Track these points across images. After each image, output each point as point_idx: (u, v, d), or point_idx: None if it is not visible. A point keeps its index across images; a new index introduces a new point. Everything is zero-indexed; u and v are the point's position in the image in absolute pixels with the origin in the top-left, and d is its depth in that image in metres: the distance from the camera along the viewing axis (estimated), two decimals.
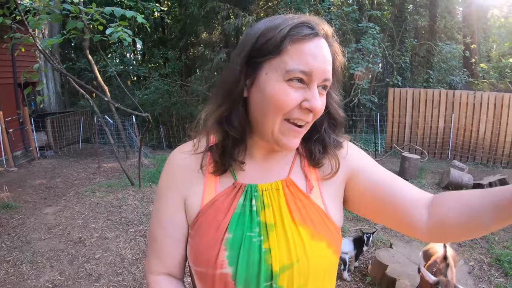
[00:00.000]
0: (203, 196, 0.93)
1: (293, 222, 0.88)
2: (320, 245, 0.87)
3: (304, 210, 0.90)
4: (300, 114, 0.84)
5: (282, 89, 0.81)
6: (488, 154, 9.06)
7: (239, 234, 0.86)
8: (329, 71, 0.84)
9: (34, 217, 5.51)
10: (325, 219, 0.91)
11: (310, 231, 0.87)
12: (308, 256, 0.85)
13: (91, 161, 9.74)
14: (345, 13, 11.66)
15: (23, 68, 8.56)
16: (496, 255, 4.26)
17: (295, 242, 0.85)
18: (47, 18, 4.89)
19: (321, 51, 0.82)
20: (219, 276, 0.84)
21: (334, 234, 0.92)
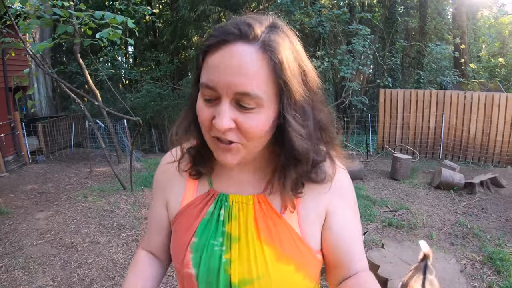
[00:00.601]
0: (183, 197, 0.95)
1: (258, 240, 0.85)
2: (286, 268, 0.84)
3: (274, 229, 0.86)
4: (217, 132, 0.76)
5: (199, 105, 0.78)
6: (479, 153, 9.13)
7: (203, 240, 0.88)
8: (240, 83, 0.70)
9: (26, 223, 5.47)
10: (297, 242, 0.86)
11: (276, 252, 0.84)
12: (271, 276, 0.83)
13: (83, 165, 9.69)
14: (336, 15, 11.72)
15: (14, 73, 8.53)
16: (488, 253, 4.29)
17: (257, 260, 0.83)
18: (38, 23, 4.87)
19: (227, 60, 0.71)
20: (186, 274, 0.88)
21: (307, 258, 0.87)
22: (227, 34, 0.71)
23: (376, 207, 5.89)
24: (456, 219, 5.42)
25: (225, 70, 0.71)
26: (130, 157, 6.69)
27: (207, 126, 0.77)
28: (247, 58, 0.70)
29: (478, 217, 5.56)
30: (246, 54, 0.70)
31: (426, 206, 5.97)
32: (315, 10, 11.28)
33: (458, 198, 6.36)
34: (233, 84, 0.70)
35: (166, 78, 17.42)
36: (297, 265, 0.85)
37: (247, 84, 0.70)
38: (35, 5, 4.93)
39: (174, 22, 16.94)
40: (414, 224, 5.16)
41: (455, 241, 4.73)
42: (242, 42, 0.71)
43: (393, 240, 4.64)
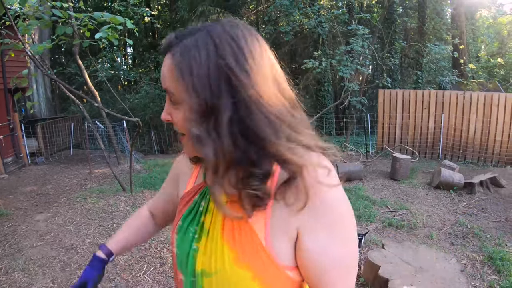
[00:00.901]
0: (187, 184, 1.06)
1: (221, 238, 0.85)
2: (243, 274, 0.82)
3: (237, 232, 0.84)
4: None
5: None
6: (479, 153, 9.15)
7: (185, 226, 0.96)
8: (167, 86, 0.82)
9: (26, 224, 5.46)
10: (260, 251, 0.81)
11: (235, 256, 0.82)
12: (228, 276, 0.83)
13: (82, 167, 9.68)
14: (335, 16, 11.72)
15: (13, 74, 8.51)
16: (488, 253, 4.29)
17: (217, 258, 0.84)
18: (37, 24, 4.86)
19: (162, 68, 0.84)
20: (172, 252, 1.00)
21: (269, 270, 0.82)
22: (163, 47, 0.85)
23: (376, 208, 5.89)
24: (456, 219, 5.42)
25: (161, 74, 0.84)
26: (130, 159, 6.69)
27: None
28: (167, 66, 0.82)
29: (478, 217, 5.56)
30: (167, 63, 0.82)
31: (426, 206, 5.97)
32: (314, 11, 11.27)
33: (457, 198, 6.36)
34: (164, 85, 0.83)
35: None
36: (255, 273, 0.82)
37: (166, 84, 0.82)
38: (34, 6, 4.92)
39: (173, 23, 16.94)
40: (414, 224, 5.16)
41: (455, 241, 4.73)
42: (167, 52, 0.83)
43: (394, 240, 4.64)
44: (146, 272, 4.11)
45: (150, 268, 4.19)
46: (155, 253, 4.52)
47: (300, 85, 14.48)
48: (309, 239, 0.80)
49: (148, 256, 4.44)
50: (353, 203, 5.89)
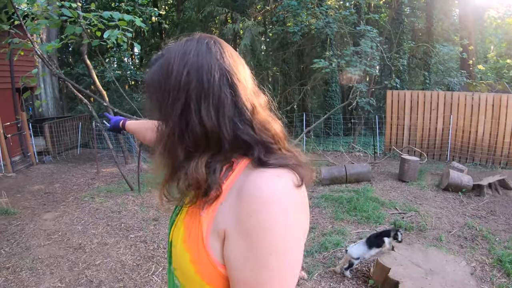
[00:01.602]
0: None
1: (182, 221, 0.93)
2: (185, 254, 0.88)
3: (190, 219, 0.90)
4: None
5: None
6: (487, 155, 9.07)
7: (174, 215, 1.02)
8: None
9: (33, 223, 5.48)
10: (199, 240, 0.85)
11: (184, 236, 0.89)
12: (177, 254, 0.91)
13: (90, 166, 9.71)
14: (343, 16, 11.68)
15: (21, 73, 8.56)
16: (497, 256, 4.26)
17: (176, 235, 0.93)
18: (46, 23, 4.88)
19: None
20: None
21: (201, 258, 0.85)
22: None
23: (384, 209, 5.86)
24: (464, 221, 5.38)
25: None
26: (138, 159, 6.69)
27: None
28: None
29: (487, 219, 5.52)
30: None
31: (434, 208, 5.93)
32: (322, 11, 11.24)
33: (466, 200, 6.31)
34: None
35: None
36: (192, 258, 0.87)
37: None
38: (43, 6, 4.94)
39: (180, 23, 16.95)
40: (423, 226, 5.12)
41: (464, 243, 4.70)
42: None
43: (404, 242, 4.60)
44: (155, 272, 4.10)
45: (158, 269, 4.18)
46: (164, 253, 4.52)
47: (308, 85, 14.45)
48: (228, 243, 0.81)
49: (156, 257, 4.44)
50: (361, 205, 5.86)
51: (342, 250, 4.47)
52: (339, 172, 7.33)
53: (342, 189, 6.91)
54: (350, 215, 5.57)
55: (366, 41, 10.21)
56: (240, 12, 14.32)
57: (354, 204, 5.91)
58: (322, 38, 13.63)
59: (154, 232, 5.14)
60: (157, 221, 5.53)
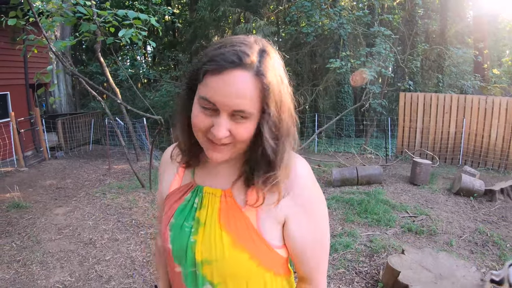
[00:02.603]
0: (171, 184, 1.15)
1: (219, 227, 0.99)
2: (241, 255, 0.97)
3: (233, 220, 0.99)
4: (213, 136, 0.90)
5: (196, 112, 0.92)
6: (500, 160, 8.97)
7: (179, 222, 1.05)
8: (238, 104, 0.85)
9: (45, 218, 5.54)
10: (253, 234, 0.98)
11: (232, 240, 0.97)
12: (227, 260, 0.97)
13: (102, 162, 9.79)
14: (356, 17, 11.63)
15: (34, 70, 8.66)
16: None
17: (216, 244, 0.97)
18: (61, 20, 4.92)
19: (227, 85, 0.85)
20: (166, 249, 1.07)
21: (261, 249, 0.99)
22: (228, 63, 0.84)
23: (395, 212, 5.82)
24: (476, 226, 5.33)
25: (225, 93, 0.85)
26: (150, 156, 6.73)
27: (203, 131, 0.92)
28: (245, 83, 0.85)
29: (498, 225, 5.46)
30: (244, 80, 0.85)
31: (445, 212, 5.88)
32: (335, 12, 11.20)
33: (478, 205, 6.25)
34: (232, 104, 0.85)
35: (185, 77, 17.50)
36: (251, 254, 0.98)
37: (243, 104, 0.86)
38: (58, 3, 4.99)
39: (194, 23, 17.00)
40: (433, 230, 5.08)
41: (474, 249, 4.65)
42: (241, 69, 0.85)
43: (414, 246, 4.58)
44: None
45: None
46: None
47: (320, 86, 14.40)
48: (294, 225, 1.01)
49: None
50: (372, 207, 5.83)
51: (351, 252, 4.45)
52: (350, 174, 7.30)
53: (353, 191, 6.88)
54: (360, 217, 5.55)
55: (380, 42, 10.15)
56: (253, 12, 14.31)
57: (365, 207, 5.88)
58: (335, 39, 13.57)
59: None
60: None
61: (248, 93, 0.86)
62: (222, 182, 1.05)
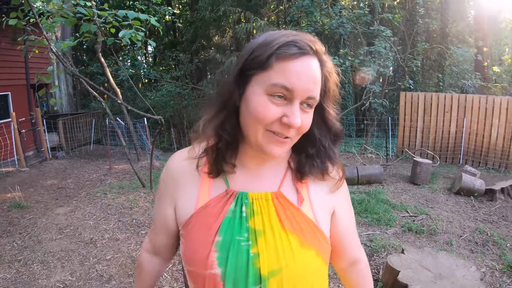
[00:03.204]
0: (198, 199, 0.99)
1: (283, 230, 0.93)
2: (309, 253, 0.93)
3: (294, 220, 0.95)
4: (281, 128, 0.87)
5: (263, 102, 0.86)
6: (500, 159, 8.97)
7: (228, 238, 0.92)
8: (313, 89, 0.86)
9: (46, 217, 5.55)
10: (314, 230, 0.96)
11: (299, 240, 0.93)
12: (297, 262, 0.91)
13: (102, 162, 9.80)
14: (357, 16, 11.62)
15: (35, 70, 8.68)
16: (508, 262, 4.20)
17: (284, 249, 0.91)
18: (61, 21, 4.94)
19: (306, 70, 0.84)
20: (209, 276, 0.90)
21: (323, 244, 0.98)
22: (308, 48, 0.85)
23: (395, 212, 5.83)
24: (476, 226, 5.33)
25: (305, 77, 0.84)
26: (151, 156, 6.74)
27: (270, 123, 0.86)
28: (317, 70, 0.87)
29: (499, 224, 5.46)
30: (317, 67, 0.87)
31: (446, 212, 5.88)
32: (335, 11, 11.20)
33: (478, 204, 6.25)
34: (309, 90, 0.85)
35: (186, 77, 17.48)
36: (317, 250, 0.95)
37: (316, 90, 0.87)
38: (58, 4, 5.00)
39: (194, 22, 17.01)
40: (434, 229, 5.09)
41: (475, 248, 4.66)
42: (314, 56, 0.87)
43: (413, 245, 4.58)
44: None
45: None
46: None
47: None
48: (341, 212, 1.07)
49: None
50: (372, 207, 5.84)
51: None
52: (351, 174, 7.30)
53: (354, 191, 6.88)
54: (361, 217, 5.55)
55: (380, 41, 10.15)
56: (254, 12, 14.31)
57: (365, 206, 5.89)
58: (336, 39, 13.57)
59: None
60: None
61: (319, 80, 0.88)
62: (266, 184, 1.00)
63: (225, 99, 0.92)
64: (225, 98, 0.93)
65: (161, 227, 1.12)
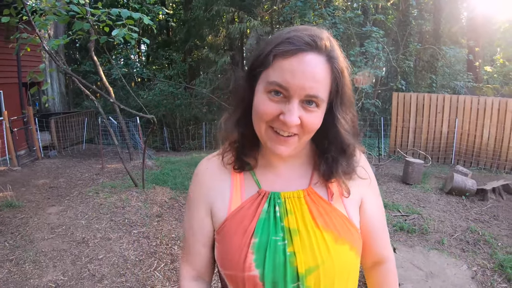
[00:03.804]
0: (230, 203, 1.00)
1: (317, 228, 0.93)
2: (343, 248, 0.93)
3: (327, 216, 0.95)
4: (281, 125, 0.87)
5: (262, 99, 0.87)
6: (492, 160, 9.04)
7: (264, 239, 0.92)
8: (312, 87, 0.84)
9: (37, 217, 5.52)
10: (347, 224, 0.97)
11: (333, 236, 0.93)
12: (333, 258, 0.91)
13: (95, 161, 9.76)
14: (350, 17, 11.67)
15: (27, 68, 8.62)
16: (499, 261, 4.24)
17: (320, 246, 0.91)
18: (54, 19, 4.91)
19: (303, 67, 0.83)
20: (247, 278, 0.91)
21: (355, 237, 0.97)
22: (305, 44, 0.84)
23: (387, 211, 5.85)
24: (467, 225, 5.37)
25: (301, 75, 0.83)
26: (143, 155, 6.72)
27: (269, 120, 0.88)
28: (319, 66, 0.84)
29: (490, 224, 5.51)
30: (318, 63, 0.84)
31: (437, 211, 5.92)
32: (328, 12, 11.23)
33: (469, 204, 6.30)
34: (307, 87, 0.83)
35: (179, 76, 17.46)
36: (350, 244, 0.95)
37: (317, 88, 0.84)
38: (51, 1, 4.97)
39: (188, 22, 17.00)
40: (425, 229, 5.12)
41: (466, 247, 4.69)
42: (315, 53, 0.84)
43: (405, 244, 4.61)
44: (157, 268, 4.13)
45: (160, 265, 4.21)
46: (166, 249, 4.54)
47: None
48: (369, 203, 1.05)
49: (159, 253, 4.47)
50: None
51: None
52: None
53: None
54: None
55: (371, 42, 10.19)
56: (247, 12, 14.32)
57: None
58: None
59: (157, 228, 5.17)
60: (161, 218, 5.56)
61: (322, 78, 0.85)
62: (297, 183, 1.01)
63: (240, 97, 0.96)
64: (239, 96, 0.96)
65: (199, 242, 1.06)
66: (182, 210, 5.98)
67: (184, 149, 14.71)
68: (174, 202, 6.27)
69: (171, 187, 6.98)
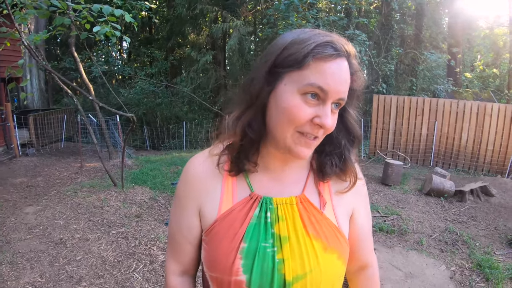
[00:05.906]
0: (220, 205, 0.97)
1: (308, 236, 0.93)
2: (331, 257, 0.94)
3: (317, 225, 0.95)
4: (311, 129, 0.86)
5: (296, 102, 0.85)
6: (470, 162, 9.20)
7: (254, 245, 0.91)
8: (344, 91, 0.87)
9: (14, 217, 5.41)
10: (336, 233, 0.97)
11: (323, 244, 0.93)
12: (321, 267, 0.91)
13: (74, 160, 9.61)
14: (333, 20, 11.73)
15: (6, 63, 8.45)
16: (477, 261, 4.32)
17: (309, 254, 0.91)
18: (34, 13, 4.81)
19: (341, 71, 0.85)
20: (234, 282, 0.90)
21: (344, 246, 0.98)
22: (341, 51, 0.85)
23: None
24: (446, 226, 5.45)
25: (339, 79, 0.84)
26: (122, 154, 6.64)
27: (301, 124, 0.86)
28: (348, 72, 0.87)
29: (468, 224, 5.60)
30: (347, 68, 0.87)
31: (416, 212, 5.99)
32: (312, 14, 11.27)
33: (448, 205, 6.39)
34: (341, 91, 0.86)
35: (160, 75, 17.34)
36: (339, 253, 0.96)
37: (345, 92, 0.87)
38: None
39: (171, 20, 16.89)
40: (404, 229, 5.18)
41: (444, 247, 4.76)
42: (344, 58, 0.86)
43: (384, 245, 4.65)
44: (136, 269, 4.08)
45: (139, 266, 4.16)
46: (145, 250, 4.49)
47: None
48: (359, 213, 1.07)
49: (137, 254, 4.41)
50: None
51: None
52: None
53: None
54: None
55: (354, 45, 10.26)
56: (231, 11, 14.30)
57: None
58: None
59: (136, 228, 5.11)
60: (139, 218, 5.50)
61: (349, 82, 0.88)
62: (290, 188, 1.00)
63: (254, 95, 0.91)
64: (253, 94, 0.91)
65: (185, 240, 1.04)
66: (162, 210, 5.92)
67: (165, 148, 14.60)
68: (153, 202, 6.21)
69: (150, 187, 6.91)
